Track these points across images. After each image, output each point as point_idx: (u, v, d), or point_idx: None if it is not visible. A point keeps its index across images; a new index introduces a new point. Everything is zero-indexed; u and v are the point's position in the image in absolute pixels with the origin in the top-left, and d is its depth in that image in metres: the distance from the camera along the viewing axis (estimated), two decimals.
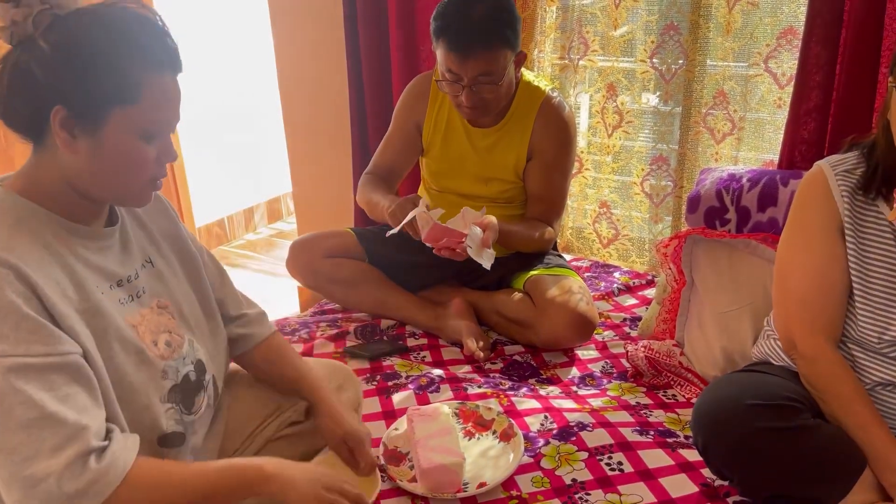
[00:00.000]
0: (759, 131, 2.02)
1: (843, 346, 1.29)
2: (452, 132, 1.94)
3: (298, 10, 2.57)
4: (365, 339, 1.89)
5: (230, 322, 1.27)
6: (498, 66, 1.71)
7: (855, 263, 1.26)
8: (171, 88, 0.99)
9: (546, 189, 1.92)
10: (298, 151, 2.82)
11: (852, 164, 1.28)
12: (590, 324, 1.80)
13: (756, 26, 1.92)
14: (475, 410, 1.49)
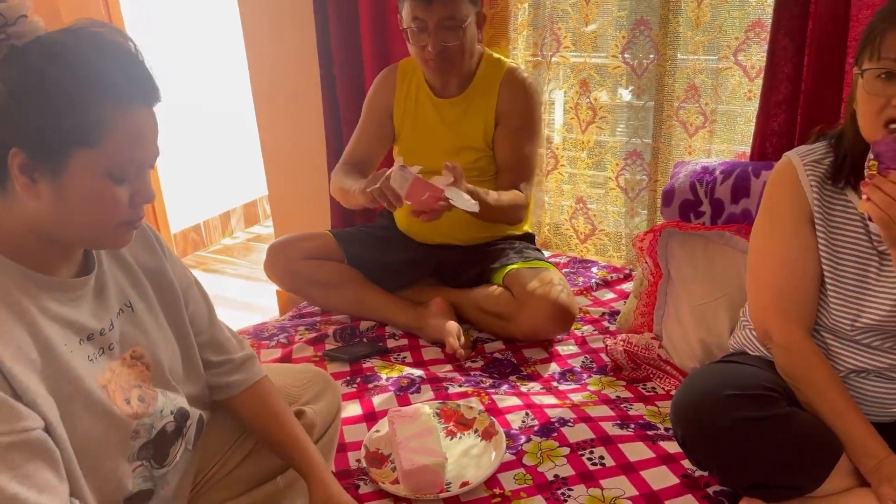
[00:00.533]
0: (730, 123, 2.04)
1: (816, 334, 1.31)
2: (421, 110, 1.99)
3: (269, 10, 2.55)
4: (344, 342, 1.88)
5: (212, 367, 1.18)
6: (461, 10, 1.79)
7: (826, 253, 1.27)
8: (142, 125, 0.89)
9: (514, 154, 1.94)
10: (273, 153, 2.80)
11: (820, 155, 1.29)
12: (570, 314, 1.81)
13: (725, 20, 1.94)
14: (456, 410, 1.49)
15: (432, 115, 1.98)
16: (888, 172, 1.07)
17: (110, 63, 0.86)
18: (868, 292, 1.24)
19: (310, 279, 1.99)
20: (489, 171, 1.99)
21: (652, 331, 1.75)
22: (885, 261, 1.23)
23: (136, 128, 0.88)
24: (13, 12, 0.83)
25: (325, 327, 1.95)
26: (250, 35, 2.64)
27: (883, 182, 1.07)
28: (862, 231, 1.25)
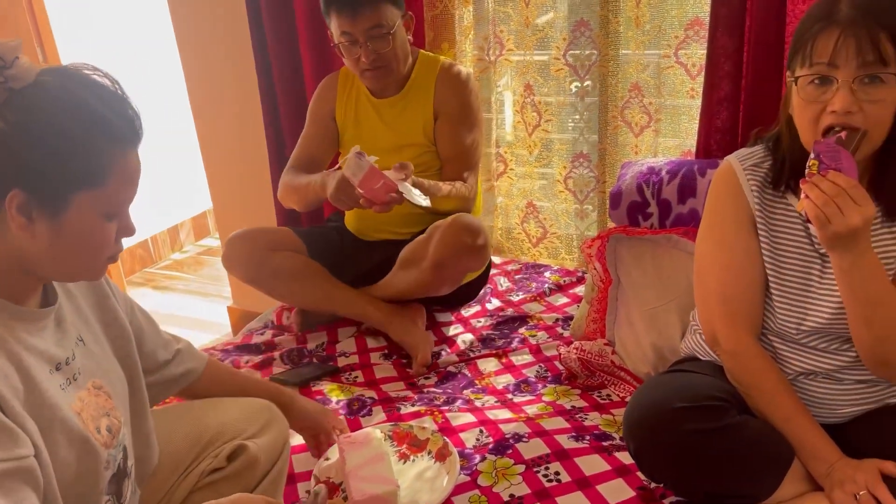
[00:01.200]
0: (675, 122, 2.04)
1: (763, 338, 1.30)
2: (362, 111, 2.00)
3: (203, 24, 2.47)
4: (292, 364, 1.83)
5: (167, 365, 1.24)
6: (386, 18, 1.80)
7: (769, 257, 1.26)
8: (135, 165, 0.93)
9: (455, 145, 1.94)
10: (215, 167, 2.73)
11: (760, 158, 1.28)
12: (472, 228, 1.77)
13: (664, 19, 1.93)
14: (409, 431, 1.45)
15: (372, 115, 1.99)
16: (827, 172, 1.06)
17: (107, 106, 0.89)
18: (812, 295, 1.24)
19: (276, 270, 1.90)
20: (433, 167, 1.97)
21: (605, 337, 1.73)
22: (827, 264, 1.22)
23: (132, 168, 0.93)
24: (9, 54, 0.84)
25: (272, 351, 1.89)
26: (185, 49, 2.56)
27: (821, 180, 1.06)
28: (803, 234, 1.24)
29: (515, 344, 1.88)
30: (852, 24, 1.07)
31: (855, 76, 1.08)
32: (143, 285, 3.47)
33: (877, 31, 1.06)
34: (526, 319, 1.98)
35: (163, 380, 1.26)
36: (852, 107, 1.08)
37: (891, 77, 1.08)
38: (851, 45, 1.07)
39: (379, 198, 1.62)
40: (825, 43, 1.09)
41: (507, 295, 2.12)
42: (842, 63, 1.08)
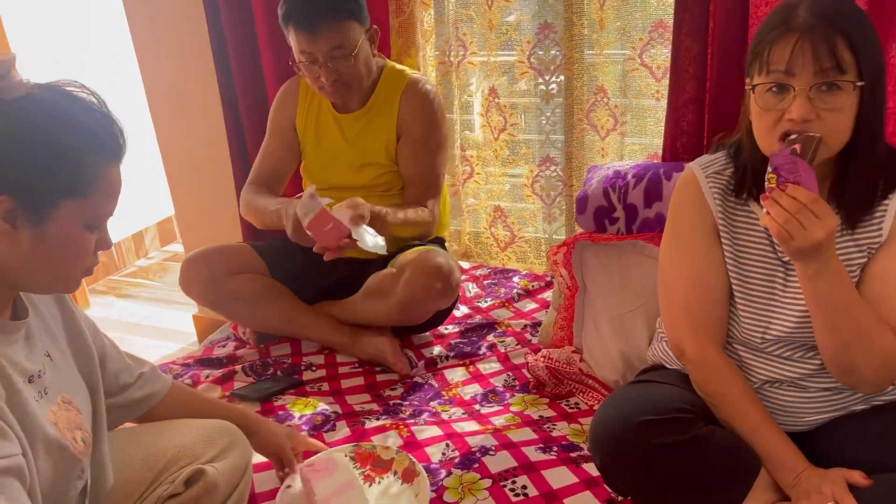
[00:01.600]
0: (641, 125, 2.03)
1: (729, 346, 1.29)
2: (323, 124, 1.93)
3: (161, 27, 2.41)
4: (256, 377, 1.79)
5: (129, 388, 1.24)
6: (348, 38, 1.72)
7: (732, 265, 1.25)
8: (118, 178, 0.97)
9: (418, 168, 1.88)
10: (176, 170, 2.66)
11: (722, 165, 1.27)
12: (444, 274, 1.73)
13: (628, 21, 1.92)
14: (372, 452, 1.41)
15: (334, 130, 1.92)
16: (786, 186, 1.04)
17: (94, 120, 0.94)
18: (776, 304, 1.23)
19: (235, 295, 1.83)
20: (395, 186, 1.92)
21: (572, 344, 1.71)
22: (791, 272, 1.21)
23: (114, 182, 0.96)
24: (3, 67, 0.88)
25: (233, 364, 1.84)
26: (143, 52, 2.49)
27: (781, 196, 1.04)
28: (767, 242, 1.23)
29: (483, 351, 1.86)
30: (809, 31, 1.06)
31: (812, 84, 1.06)
32: (107, 293, 3.39)
33: (834, 38, 1.05)
34: (494, 326, 1.96)
35: (124, 403, 1.25)
36: (809, 115, 1.07)
37: (848, 84, 1.06)
38: (808, 52, 1.06)
39: (329, 242, 1.56)
40: (782, 50, 1.08)
41: (475, 301, 2.10)
42: (798, 70, 1.07)
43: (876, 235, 1.18)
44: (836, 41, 1.05)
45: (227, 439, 1.29)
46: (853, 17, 1.08)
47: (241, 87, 2.30)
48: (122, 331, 2.94)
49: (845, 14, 1.08)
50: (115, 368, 1.23)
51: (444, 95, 2.22)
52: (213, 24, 2.24)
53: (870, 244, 1.18)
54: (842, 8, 1.09)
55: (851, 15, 1.09)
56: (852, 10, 1.10)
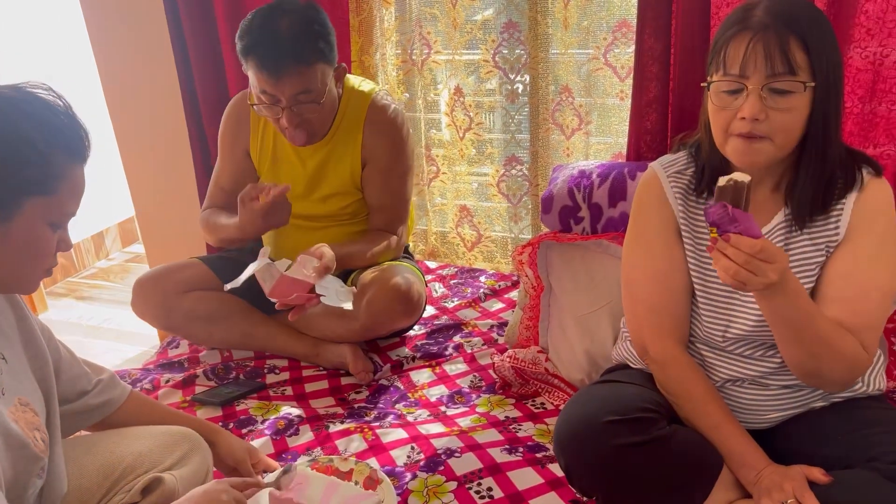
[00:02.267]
0: (605, 124, 2.04)
1: (691, 345, 1.30)
2: (281, 153, 1.82)
3: (117, 22, 2.35)
4: (218, 380, 1.75)
5: (86, 395, 1.23)
6: (316, 82, 1.61)
7: (694, 264, 1.26)
8: (83, 179, 0.98)
9: (385, 195, 1.83)
10: (136, 170, 2.60)
11: (683, 165, 1.28)
12: (406, 297, 1.70)
13: (592, 21, 1.92)
14: (329, 465, 1.36)
15: (293, 161, 1.81)
16: (728, 237, 1.03)
17: (60, 121, 0.95)
18: (736, 303, 1.24)
19: (190, 315, 1.79)
20: (361, 213, 1.87)
21: (538, 344, 1.71)
22: None
23: (80, 182, 0.98)
24: None
25: (195, 367, 1.80)
26: (101, 50, 2.42)
27: (725, 247, 1.03)
28: None
29: (450, 352, 1.84)
30: (763, 31, 1.07)
31: (763, 84, 1.08)
32: (66, 296, 3.31)
33: (787, 38, 1.06)
34: (461, 327, 1.95)
35: (81, 409, 1.23)
36: (760, 114, 1.08)
37: (799, 86, 1.07)
38: (760, 53, 1.07)
39: (294, 304, 1.51)
40: (736, 49, 1.09)
41: (441, 301, 2.08)
42: (751, 71, 1.08)
43: (833, 234, 1.19)
44: (789, 42, 1.06)
45: (187, 446, 1.26)
46: (809, 18, 1.09)
47: (203, 84, 2.26)
48: (81, 334, 2.86)
49: (801, 15, 1.09)
50: (72, 374, 1.21)
51: (410, 95, 2.20)
52: (173, 24, 2.20)
53: (827, 242, 1.19)
54: (798, 9, 1.10)
55: (807, 16, 1.09)
56: (809, 10, 1.11)
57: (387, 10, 2.10)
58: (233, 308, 1.82)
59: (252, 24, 1.59)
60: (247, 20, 1.61)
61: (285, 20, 1.57)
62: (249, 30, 1.58)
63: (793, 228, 1.20)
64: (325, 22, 1.62)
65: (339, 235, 1.82)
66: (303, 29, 1.57)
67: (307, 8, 1.61)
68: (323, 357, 1.79)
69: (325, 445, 1.48)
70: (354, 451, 1.45)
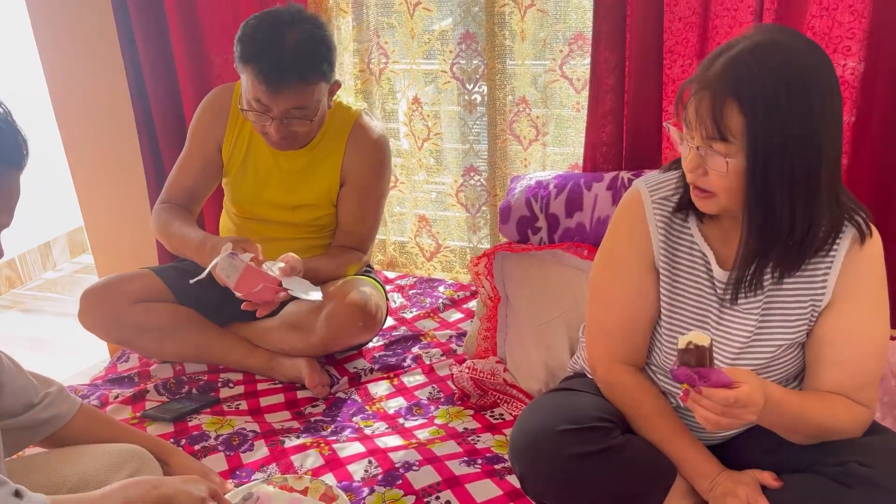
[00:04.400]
0: (562, 135, 2.05)
1: (648, 369, 1.30)
2: (257, 154, 1.78)
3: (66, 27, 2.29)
4: (170, 395, 1.70)
5: (32, 408, 1.18)
6: (312, 99, 1.60)
7: (666, 295, 1.23)
8: (15, 188, 0.95)
9: (361, 216, 1.81)
10: (84, 178, 2.53)
11: (671, 189, 1.23)
12: (365, 312, 1.68)
13: (548, 33, 1.94)
14: (283, 484, 1.33)
15: (269, 164, 1.77)
16: (700, 389, 1.02)
17: None
18: None
19: (141, 327, 1.73)
20: (330, 228, 1.85)
21: (496, 354, 1.71)
22: (726, 309, 1.20)
23: (10, 192, 0.94)
24: None
25: (145, 381, 1.75)
26: (48, 56, 2.36)
27: (700, 399, 1.01)
28: (704, 275, 1.22)
29: (408, 363, 1.83)
30: (708, 88, 1.03)
31: (698, 143, 1.06)
32: (10, 308, 3.19)
33: (724, 101, 1.01)
34: (419, 338, 1.94)
35: (27, 424, 1.17)
36: (698, 170, 1.07)
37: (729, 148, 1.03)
38: (701, 111, 1.04)
39: (262, 298, 1.48)
40: (689, 98, 1.07)
41: (400, 312, 2.07)
42: (693, 126, 1.06)
43: (819, 288, 1.15)
44: (725, 105, 1.01)
45: (135, 464, 1.22)
46: (763, 81, 1.00)
47: (154, 91, 2.21)
48: (27, 347, 2.77)
49: (756, 75, 1.01)
50: (16, 386, 1.16)
51: (367, 104, 2.19)
52: (123, 29, 2.15)
53: (813, 297, 1.16)
54: (755, 71, 1.01)
55: (763, 77, 1.00)
56: (769, 71, 1.01)
57: (343, 19, 2.09)
58: (186, 320, 1.78)
59: (257, 32, 1.55)
60: (251, 25, 1.57)
61: (292, 33, 1.54)
62: (253, 37, 1.54)
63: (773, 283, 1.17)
64: (330, 41, 1.61)
65: (302, 248, 1.78)
66: (309, 47, 1.55)
67: (314, 23, 1.59)
68: (278, 371, 1.76)
69: (280, 461, 1.45)
70: (311, 467, 1.43)
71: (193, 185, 1.82)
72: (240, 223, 1.87)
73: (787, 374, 1.23)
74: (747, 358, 1.21)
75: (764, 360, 1.20)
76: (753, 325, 1.19)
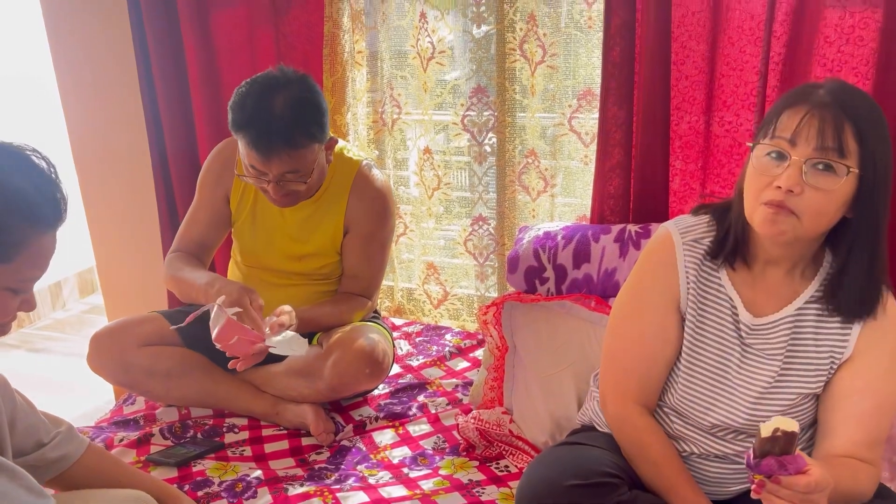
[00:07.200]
0: (570, 187, 2.08)
1: (662, 412, 1.29)
2: (262, 206, 1.81)
3: (88, 70, 2.35)
4: (175, 439, 1.70)
5: (42, 447, 1.19)
6: (306, 162, 1.63)
7: (689, 340, 1.24)
8: (49, 245, 0.98)
9: (364, 263, 1.84)
10: (99, 220, 2.56)
11: (703, 232, 1.24)
12: (372, 360, 1.69)
13: (558, 88, 1.98)
14: None
15: (274, 215, 1.80)
16: (777, 478, 0.97)
17: (34, 187, 0.94)
18: (725, 386, 1.23)
19: (149, 371, 1.74)
20: (335, 275, 1.87)
21: (503, 404, 1.70)
22: (747, 356, 1.21)
23: (45, 248, 0.97)
24: None
25: (151, 425, 1.75)
26: (69, 98, 2.42)
27: (777, 490, 0.98)
28: (730, 320, 1.23)
29: (414, 412, 1.82)
30: (821, 108, 1.07)
31: (808, 157, 1.07)
32: (18, 347, 3.20)
33: (843, 122, 1.06)
34: (425, 386, 1.93)
35: (36, 462, 1.18)
36: (796, 187, 1.06)
37: (843, 168, 1.06)
38: (814, 127, 1.06)
39: (236, 352, 1.49)
40: (791, 118, 1.09)
41: (406, 359, 2.07)
42: (801, 141, 1.07)
43: (841, 342, 1.18)
44: (844, 126, 1.06)
45: None
46: (868, 110, 1.09)
47: (172, 140, 2.26)
48: (33, 388, 2.76)
49: (861, 105, 1.09)
50: (27, 424, 1.17)
51: (379, 153, 2.23)
52: (143, 73, 2.21)
53: (833, 350, 1.19)
54: (858, 99, 1.10)
55: (867, 107, 1.09)
56: (868, 103, 1.11)
57: (358, 71, 2.14)
58: (193, 364, 1.78)
59: (246, 100, 1.58)
60: (242, 92, 1.61)
61: (280, 99, 1.57)
62: (243, 105, 1.58)
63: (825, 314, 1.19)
64: (319, 103, 1.63)
65: (308, 294, 1.80)
66: (297, 113, 1.58)
67: (302, 86, 1.61)
68: (283, 416, 1.75)
69: None
70: None
71: (203, 235, 1.86)
72: (247, 271, 1.90)
73: (802, 425, 1.23)
74: (766, 406, 1.21)
75: (781, 409, 1.20)
76: (775, 373, 1.20)
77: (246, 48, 2.13)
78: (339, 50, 2.08)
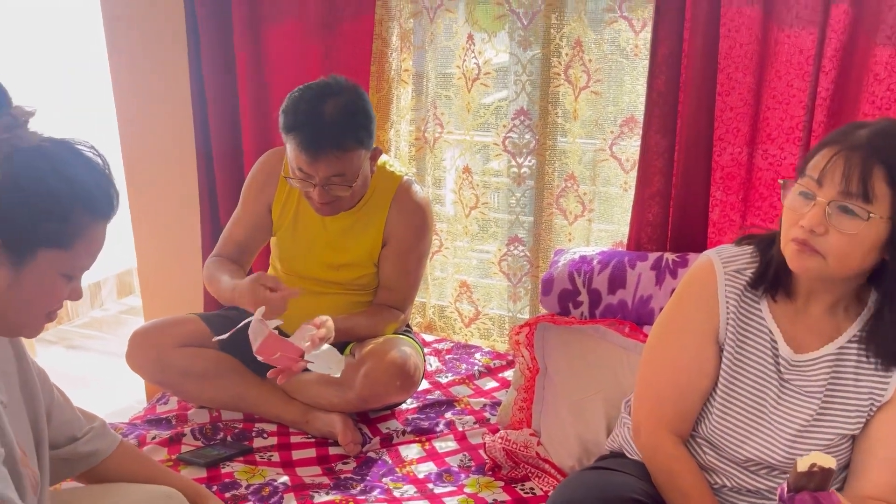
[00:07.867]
0: (608, 213, 2.08)
1: (695, 443, 1.28)
2: (304, 214, 1.85)
3: (141, 74, 2.43)
4: (205, 440, 1.72)
5: (75, 441, 1.22)
6: (352, 166, 1.67)
7: (727, 372, 1.23)
8: (102, 236, 1.02)
9: (401, 275, 1.86)
10: (144, 222, 2.63)
11: (745, 263, 1.23)
12: (404, 372, 1.71)
13: (600, 114, 1.99)
14: None
15: (316, 224, 1.84)
16: None
17: (93, 179, 0.99)
18: (760, 429, 1.21)
19: (184, 371, 1.78)
20: (371, 286, 1.90)
21: (531, 426, 1.70)
22: (785, 390, 1.20)
23: (99, 238, 1.02)
24: (24, 116, 0.95)
25: (182, 425, 1.78)
26: (122, 103, 2.50)
27: None
28: (769, 353, 1.22)
29: (441, 428, 1.82)
30: (851, 150, 1.06)
31: (832, 199, 1.06)
32: (56, 343, 3.28)
33: (872, 165, 1.04)
34: (453, 403, 1.93)
35: (68, 456, 1.22)
36: (818, 227, 1.07)
37: (865, 213, 1.05)
38: (839, 169, 1.06)
39: (279, 364, 1.51)
40: (822, 158, 1.08)
41: (435, 376, 2.08)
42: (827, 183, 1.07)
43: (881, 384, 1.17)
44: (872, 169, 1.04)
45: None
46: None
47: (218, 141, 2.31)
48: (69, 384, 2.82)
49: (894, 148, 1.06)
50: (63, 418, 1.21)
51: (419, 170, 2.26)
52: (195, 77, 2.27)
53: (873, 392, 1.18)
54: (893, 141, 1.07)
55: None
56: None
57: (404, 89, 2.18)
58: (227, 368, 1.82)
59: (299, 104, 1.65)
60: (294, 97, 1.67)
61: (331, 104, 1.63)
62: (296, 109, 1.65)
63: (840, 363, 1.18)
64: (368, 110, 1.69)
65: (344, 304, 1.83)
66: (346, 117, 1.63)
67: (353, 94, 1.68)
68: (312, 425, 1.77)
69: None
70: None
71: (245, 240, 1.91)
72: (285, 279, 1.92)
73: (838, 466, 1.20)
74: (804, 444, 1.19)
75: (820, 449, 1.18)
76: (813, 411, 1.18)
77: (295, 62, 2.18)
78: (387, 67, 2.12)
